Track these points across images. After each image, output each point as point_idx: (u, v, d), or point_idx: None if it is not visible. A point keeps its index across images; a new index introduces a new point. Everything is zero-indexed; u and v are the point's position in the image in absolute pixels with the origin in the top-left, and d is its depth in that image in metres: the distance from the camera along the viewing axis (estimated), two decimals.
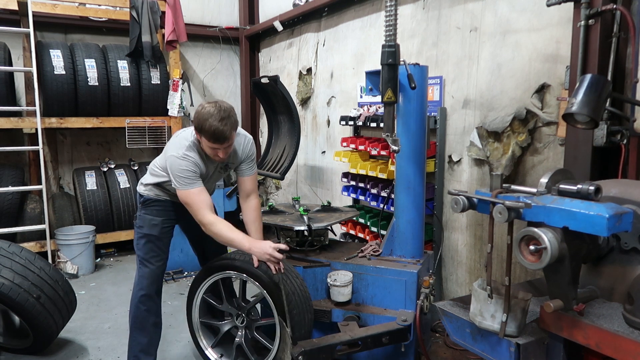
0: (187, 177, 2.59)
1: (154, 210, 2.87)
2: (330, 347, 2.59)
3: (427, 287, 2.84)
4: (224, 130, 2.45)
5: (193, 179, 2.60)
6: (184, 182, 2.59)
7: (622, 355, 1.60)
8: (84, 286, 4.64)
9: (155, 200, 2.87)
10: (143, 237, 2.86)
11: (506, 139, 3.26)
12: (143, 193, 2.90)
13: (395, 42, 2.71)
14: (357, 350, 2.69)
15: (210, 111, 2.44)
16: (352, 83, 4.81)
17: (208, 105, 2.48)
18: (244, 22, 6.83)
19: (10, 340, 3.37)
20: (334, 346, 2.60)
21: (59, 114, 5.07)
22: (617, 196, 1.93)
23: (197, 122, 2.48)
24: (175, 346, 3.48)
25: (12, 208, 4.89)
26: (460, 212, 2.01)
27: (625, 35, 2.50)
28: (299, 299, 2.75)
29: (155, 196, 2.88)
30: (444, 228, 3.79)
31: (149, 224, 2.85)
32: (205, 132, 2.46)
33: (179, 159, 2.58)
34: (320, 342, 2.62)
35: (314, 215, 3.47)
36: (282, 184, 6.39)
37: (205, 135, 2.48)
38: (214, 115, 2.43)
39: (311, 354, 2.53)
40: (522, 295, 1.92)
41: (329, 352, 2.59)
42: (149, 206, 2.88)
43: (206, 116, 2.44)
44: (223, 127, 2.44)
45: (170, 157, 2.62)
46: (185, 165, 2.58)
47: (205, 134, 2.47)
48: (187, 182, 2.59)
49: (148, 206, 2.87)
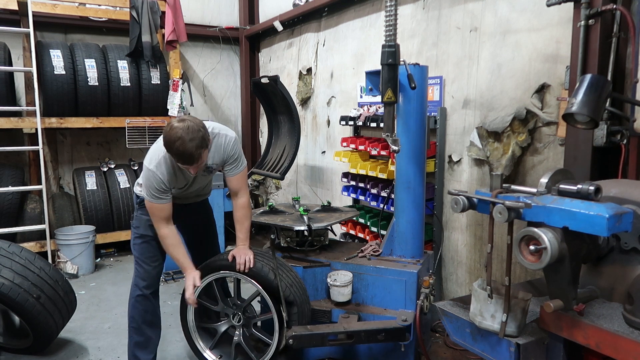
0: (154, 192, 2.63)
1: None
2: (322, 336, 2.65)
3: (427, 287, 2.84)
4: (192, 154, 2.40)
5: (158, 195, 2.63)
6: (150, 195, 2.64)
7: (622, 355, 1.60)
8: (84, 286, 4.64)
9: None
10: (139, 237, 2.87)
11: (506, 139, 3.26)
12: (139, 193, 2.88)
13: (395, 42, 2.71)
14: (349, 343, 2.71)
15: (177, 134, 2.36)
16: (352, 83, 4.81)
17: (177, 126, 2.39)
18: (244, 22, 6.83)
19: (10, 340, 3.37)
20: (325, 335, 2.66)
21: (59, 114, 5.07)
22: (617, 196, 1.93)
23: (165, 143, 2.43)
24: (175, 346, 3.48)
25: (12, 208, 4.89)
26: (460, 212, 2.01)
27: (625, 35, 2.50)
28: (297, 290, 2.78)
29: None
30: (444, 228, 3.79)
31: (145, 224, 2.85)
32: (174, 154, 2.43)
33: (149, 172, 2.61)
34: (312, 329, 2.68)
35: (314, 215, 3.47)
36: (282, 184, 6.39)
37: (174, 157, 2.47)
38: (181, 138, 2.36)
39: (301, 338, 2.61)
40: (522, 295, 1.92)
41: (319, 340, 2.65)
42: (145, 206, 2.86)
43: (174, 138, 2.37)
44: (191, 151, 2.38)
45: (144, 167, 2.66)
46: (154, 180, 2.60)
47: (174, 156, 2.46)
48: (153, 195, 2.63)
49: (144, 206, 2.85)
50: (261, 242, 5.96)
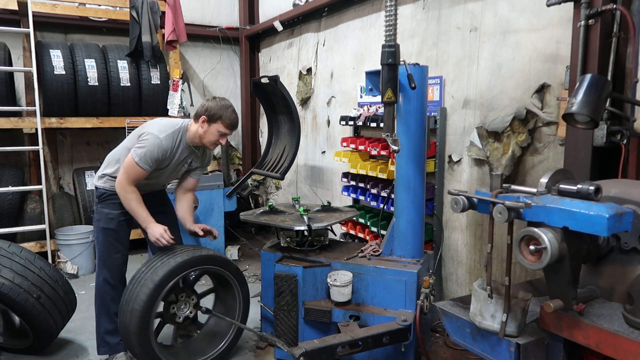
0: (149, 159, 2.82)
1: (110, 204, 3.00)
2: (332, 348, 2.60)
3: (427, 287, 2.84)
4: (237, 120, 2.98)
5: (149, 163, 2.84)
6: (142, 158, 2.81)
7: (622, 355, 1.60)
8: (84, 286, 4.64)
9: (112, 194, 2.98)
10: (101, 230, 3.01)
11: (506, 139, 3.26)
12: (100, 186, 3.03)
13: (395, 42, 2.71)
14: (358, 351, 2.69)
15: (227, 103, 2.93)
16: (352, 83, 4.81)
17: (220, 99, 2.94)
18: (244, 22, 6.83)
19: (10, 340, 3.37)
20: (334, 347, 2.61)
21: (59, 114, 5.07)
22: (617, 196, 1.93)
23: (216, 110, 2.87)
24: None
25: (12, 208, 4.88)
26: (460, 212, 2.01)
27: (625, 35, 2.50)
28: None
29: (111, 188, 2.98)
30: (444, 228, 3.80)
31: (105, 217, 3.00)
32: (226, 119, 2.89)
33: (157, 139, 2.83)
34: (321, 342, 2.62)
35: (314, 215, 3.47)
36: (282, 184, 6.39)
37: (224, 122, 2.89)
38: (231, 107, 2.93)
39: (312, 354, 2.54)
40: (522, 295, 1.92)
41: (329, 353, 2.60)
42: (106, 200, 3.00)
43: (225, 106, 2.90)
44: (237, 118, 2.97)
45: (150, 133, 2.86)
46: (158, 149, 2.83)
47: (225, 119, 2.89)
48: (144, 160, 2.81)
49: (105, 200, 3.01)
50: (261, 242, 5.96)
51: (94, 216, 3.09)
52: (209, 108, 2.88)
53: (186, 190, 3.27)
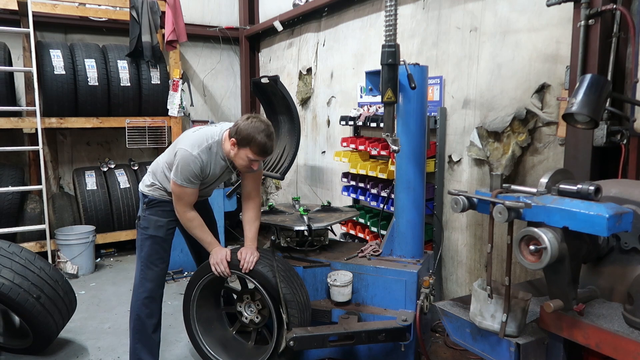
0: (189, 177, 2.65)
1: (159, 211, 2.85)
2: (323, 337, 2.65)
3: (427, 287, 2.84)
4: (272, 145, 2.60)
5: (192, 181, 2.67)
6: (184, 179, 2.65)
7: (622, 355, 1.60)
8: (84, 286, 4.64)
9: (161, 201, 2.85)
10: (148, 238, 2.84)
11: (506, 139, 3.26)
12: (147, 193, 2.87)
13: (395, 42, 2.71)
14: (350, 344, 2.71)
15: (259, 126, 2.55)
16: (352, 83, 4.81)
17: (255, 120, 2.58)
18: (244, 22, 6.83)
19: (10, 340, 3.37)
20: (326, 336, 2.66)
21: (59, 114, 5.07)
22: (617, 196, 1.93)
23: (247, 134, 2.54)
24: (175, 346, 3.48)
25: (12, 208, 4.89)
26: (460, 212, 2.01)
27: (625, 35, 2.49)
28: (299, 298, 2.77)
29: (160, 196, 2.85)
30: (444, 228, 3.79)
31: (154, 225, 2.83)
32: (256, 145, 2.54)
33: (191, 157, 2.62)
34: (313, 330, 2.68)
35: (314, 215, 3.47)
36: (282, 184, 6.38)
37: (253, 148, 2.55)
38: (264, 131, 2.55)
39: (302, 340, 2.60)
40: (522, 295, 1.92)
41: (320, 341, 2.65)
42: (154, 207, 2.85)
43: (257, 130, 2.53)
44: (271, 143, 2.58)
45: (182, 149, 2.65)
46: (193, 165, 2.63)
47: (254, 146, 2.55)
48: (186, 180, 2.65)
49: (153, 207, 2.85)
50: (261, 242, 5.95)
51: (138, 223, 2.89)
52: (239, 130, 2.56)
53: (247, 194, 2.96)
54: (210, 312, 3.12)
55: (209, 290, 3.04)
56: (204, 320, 3.08)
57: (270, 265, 2.76)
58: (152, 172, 2.92)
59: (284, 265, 2.86)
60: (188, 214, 2.74)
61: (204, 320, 3.08)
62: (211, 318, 3.12)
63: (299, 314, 2.73)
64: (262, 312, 2.98)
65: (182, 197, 2.70)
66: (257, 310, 2.99)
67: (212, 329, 3.10)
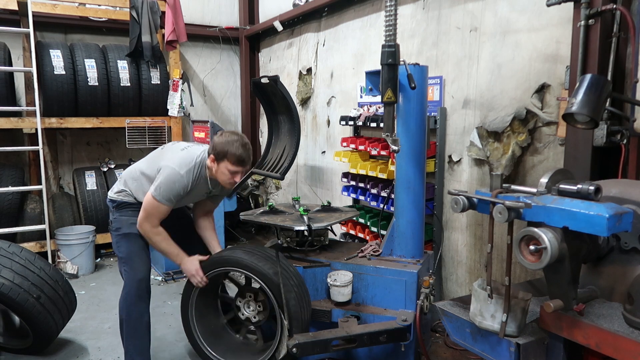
0: (170, 196, 2.68)
1: (129, 211, 2.88)
2: (325, 342, 2.63)
3: (427, 287, 2.84)
4: (247, 154, 2.67)
5: (172, 200, 2.70)
6: (163, 196, 2.66)
7: (622, 355, 1.60)
8: (84, 286, 4.64)
9: (130, 203, 2.89)
10: (123, 237, 2.86)
11: (506, 139, 3.26)
12: (117, 198, 2.91)
13: (395, 42, 2.71)
14: (352, 347, 2.70)
15: (233, 138, 2.65)
16: (352, 83, 4.81)
17: (228, 134, 2.68)
18: (244, 22, 6.82)
19: (10, 340, 3.37)
20: (329, 341, 2.64)
21: (59, 114, 5.07)
22: (617, 196, 1.93)
23: (222, 147, 2.63)
24: (175, 346, 3.48)
25: (12, 208, 4.88)
26: (460, 212, 2.01)
27: (625, 35, 2.49)
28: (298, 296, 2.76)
29: (128, 199, 2.89)
30: (444, 228, 3.79)
31: (126, 223, 2.86)
32: (232, 155, 2.62)
33: (177, 175, 2.67)
34: (315, 336, 2.65)
35: (314, 215, 3.47)
36: (282, 184, 6.39)
37: (230, 158, 2.62)
38: (237, 141, 2.64)
39: (305, 346, 2.58)
40: (522, 295, 1.92)
41: (323, 346, 2.63)
42: (124, 208, 2.89)
43: (230, 142, 2.63)
44: (246, 152, 2.66)
45: (169, 167, 2.69)
46: (178, 185, 2.67)
47: (231, 157, 2.62)
48: (166, 198, 2.67)
49: (123, 208, 2.89)
50: (261, 242, 5.96)
51: (111, 227, 2.93)
52: (215, 145, 2.66)
53: (206, 212, 3.10)
54: (209, 314, 3.12)
55: (208, 292, 3.04)
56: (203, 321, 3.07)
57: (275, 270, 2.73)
58: (124, 179, 2.94)
59: (287, 269, 2.83)
60: (155, 228, 2.74)
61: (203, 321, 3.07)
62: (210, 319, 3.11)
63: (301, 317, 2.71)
64: (263, 313, 2.97)
65: (153, 213, 2.70)
66: (257, 311, 2.98)
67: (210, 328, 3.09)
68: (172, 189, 2.66)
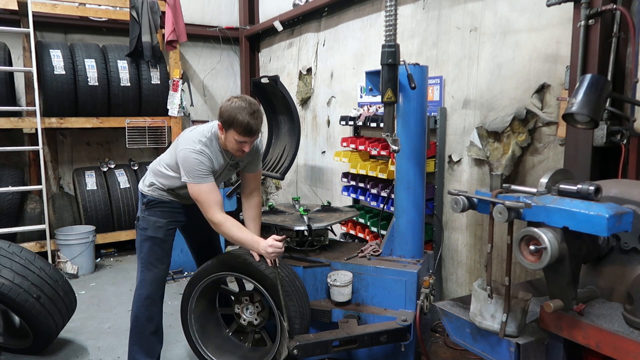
0: (201, 171, 2.53)
1: (158, 212, 2.80)
2: (326, 343, 2.63)
3: (427, 287, 2.84)
4: (256, 123, 2.49)
5: (206, 174, 2.55)
6: (196, 175, 2.53)
7: (622, 355, 1.60)
8: (84, 286, 4.64)
9: (160, 202, 2.81)
10: (147, 239, 2.79)
11: (506, 139, 3.26)
12: (146, 193, 2.83)
13: (395, 42, 2.71)
14: (353, 348, 2.70)
15: (241, 105, 2.47)
16: (352, 83, 4.81)
17: (237, 100, 2.51)
18: (244, 22, 6.83)
19: (10, 340, 3.37)
20: (329, 342, 2.64)
21: (59, 114, 5.07)
22: (617, 196, 1.93)
23: (228, 115, 2.47)
24: (175, 346, 3.48)
25: (12, 208, 4.89)
26: (460, 212, 2.01)
27: (625, 35, 2.49)
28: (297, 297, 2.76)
29: (159, 196, 2.81)
30: (444, 228, 3.79)
31: (153, 226, 2.78)
32: (238, 125, 2.46)
33: (194, 152, 2.53)
34: (316, 337, 2.65)
35: (314, 215, 3.47)
36: (282, 184, 6.38)
37: (237, 128, 2.47)
38: (245, 109, 2.46)
39: (306, 348, 2.58)
40: (522, 295, 1.92)
41: (324, 348, 2.63)
42: (153, 207, 2.81)
43: (237, 110, 2.46)
44: (255, 120, 2.48)
45: (183, 150, 2.56)
46: (200, 158, 2.53)
47: (237, 127, 2.47)
48: (200, 175, 2.53)
49: (152, 207, 2.81)
50: None
51: (137, 224, 2.84)
52: (221, 112, 2.52)
53: (249, 192, 2.89)
54: (209, 314, 3.11)
55: (208, 293, 3.04)
56: (203, 322, 3.07)
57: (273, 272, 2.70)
58: (152, 171, 2.88)
59: (285, 270, 2.83)
60: (217, 215, 2.54)
61: (203, 322, 3.07)
62: (209, 320, 3.11)
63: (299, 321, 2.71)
64: (262, 313, 2.97)
65: (205, 199, 2.53)
66: (256, 312, 2.97)
67: (210, 331, 3.09)
68: (197, 163, 2.52)
